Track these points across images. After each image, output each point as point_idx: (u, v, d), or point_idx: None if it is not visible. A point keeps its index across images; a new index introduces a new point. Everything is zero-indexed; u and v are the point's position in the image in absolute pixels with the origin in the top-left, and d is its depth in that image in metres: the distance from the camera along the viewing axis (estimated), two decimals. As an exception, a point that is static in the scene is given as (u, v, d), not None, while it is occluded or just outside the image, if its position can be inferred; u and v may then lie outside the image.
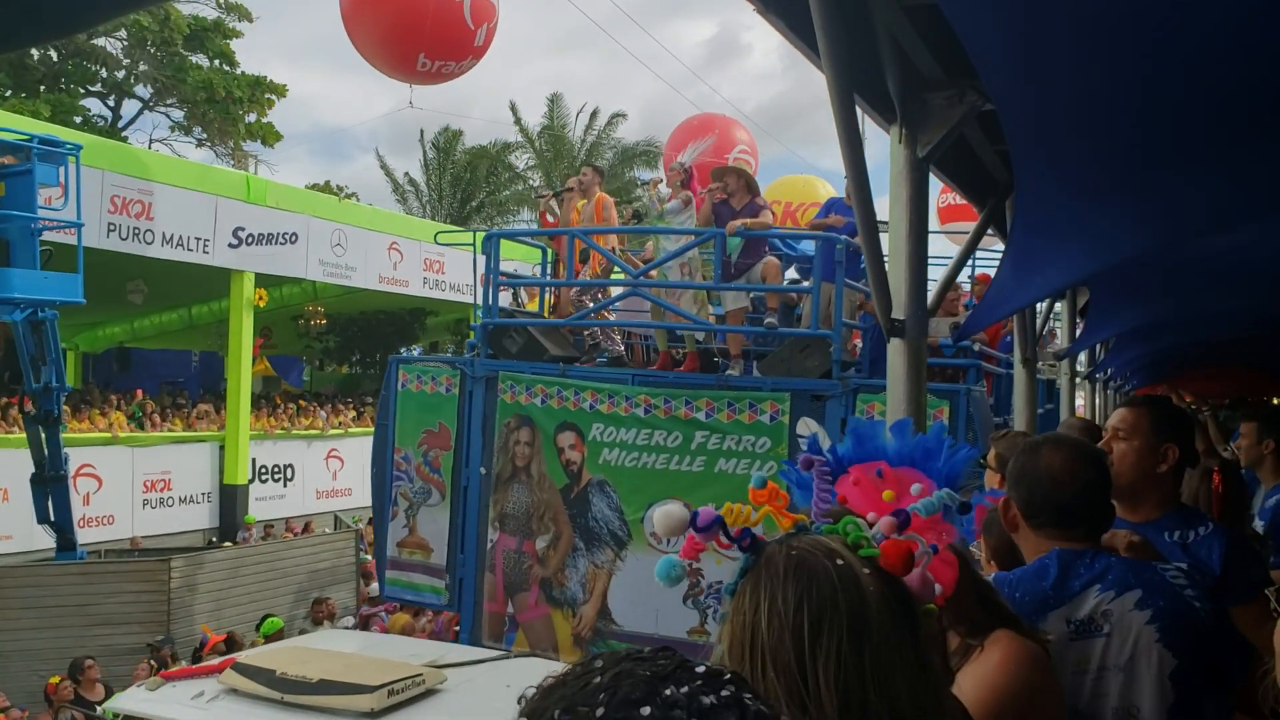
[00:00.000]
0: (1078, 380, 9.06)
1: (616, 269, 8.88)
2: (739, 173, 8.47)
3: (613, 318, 9.13)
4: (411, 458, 8.60)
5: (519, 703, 0.93)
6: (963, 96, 3.64)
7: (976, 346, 8.28)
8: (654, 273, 8.24)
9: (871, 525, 1.42)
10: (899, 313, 3.72)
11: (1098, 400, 10.54)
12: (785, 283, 9.09)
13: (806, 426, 7.09)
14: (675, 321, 8.31)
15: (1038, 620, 2.25)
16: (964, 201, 5.95)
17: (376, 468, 8.84)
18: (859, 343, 8.17)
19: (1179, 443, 2.84)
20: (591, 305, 8.75)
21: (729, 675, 0.91)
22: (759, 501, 1.72)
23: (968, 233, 5.29)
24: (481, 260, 8.74)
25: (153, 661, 10.95)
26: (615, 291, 8.86)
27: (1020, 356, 6.69)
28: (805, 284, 8.62)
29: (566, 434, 7.93)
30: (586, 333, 9.09)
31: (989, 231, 5.21)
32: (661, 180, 8.79)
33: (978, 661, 2.02)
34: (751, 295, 8.69)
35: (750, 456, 7.34)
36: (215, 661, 5.44)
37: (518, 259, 14.64)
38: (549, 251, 9.86)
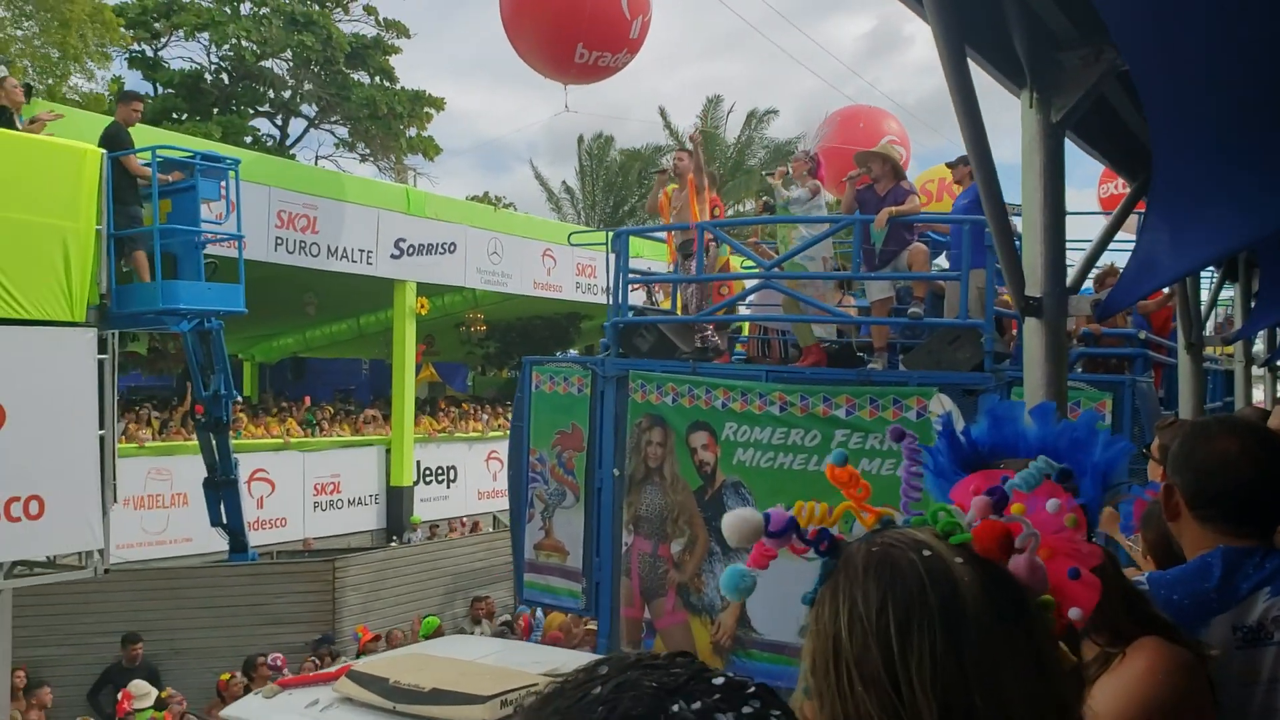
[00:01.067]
0: (1255, 369, 8.28)
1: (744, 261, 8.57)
2: (884, 157, 8.05)
3: (745, 312, 8.85)
4: (546, 459, 8.51)
5: (515, 710, 0.80)
6: (1099, 55, 3.32)
7: (1142, 335, 7.71)
8: (787, 264, 7.92)
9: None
10: (1033, 290, 3.42)
11: (1280, 391, 9.64)
12: (934, 270, 8.64)
13: (940, 404, 6.64)
14: (811, 314, 7.98)
15: (1199, 626, 1.99)
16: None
17: (513, 470, 8.81)
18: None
19: None
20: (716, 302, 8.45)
21: (753, 689, 0.80)
22: (838, 481, 1.50)
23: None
24: (614, 259, 8.59)
25: (315, 659, 11.29)
26: (744, 285, 8.57)
27: (1184, 342, 6.19)
28: (955, 272, 8.14)
29: (699, 434, 7.69)
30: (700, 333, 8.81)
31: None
32: (787, 170, 8.43)
33: (1117, 671, 1.80)
34: (898, 286, 8.29)
35: (896, 457, 6.92)
36: (333, 669, 5.47)
37: (655, 258, 14.52)
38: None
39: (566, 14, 11.47)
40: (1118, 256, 8.96)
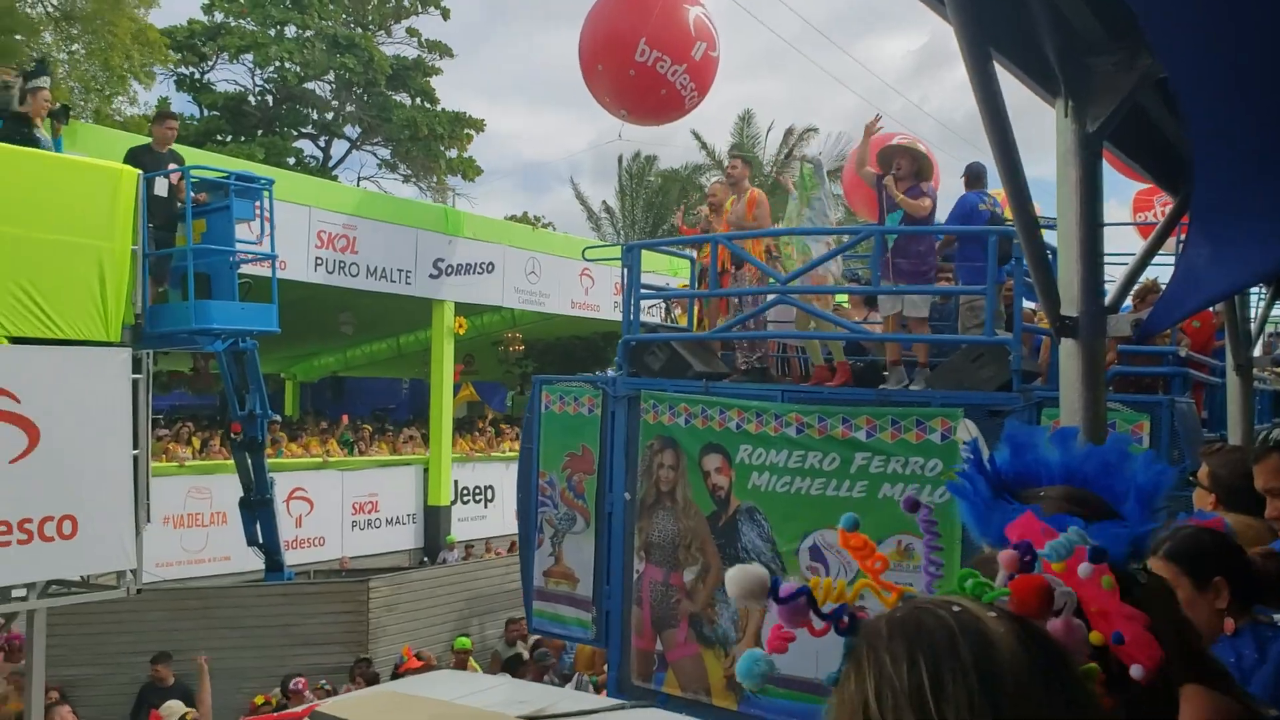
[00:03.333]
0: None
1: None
2: (912, 155, 7.56)
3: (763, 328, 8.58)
4: (556, 482, 8.26)
5: None
6: (1133, 60, 3.12)
7: (1183, 352, 7.41)
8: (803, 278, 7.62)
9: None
10: (1069, 309, 3.23)
11: (1335, 412, 9.24)
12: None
13: (966, 430, 6.34)
14: (824, 330, 7.71)
15: None
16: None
17: (521, 493, 8.57)
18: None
19: None
20: (734, 316, 8.21)
21: None
22: (850, 548, 1.41)
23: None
24: (625, 274, 8.41)
25: (360, 680, 11.20)
26: (760, 300, 8.30)
27: (1233, 363, 5.91)
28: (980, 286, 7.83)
29: (712, 456, 7.40)
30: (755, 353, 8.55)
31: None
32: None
33: None
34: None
35: (919, 480, 6.64)
36: (301, 709, 5.36)
37: (677, 274, 14.40)
38: (697, 261, 9.44)
39: (634, 10, 12.51)
40: (1166, 272, 8.63)
